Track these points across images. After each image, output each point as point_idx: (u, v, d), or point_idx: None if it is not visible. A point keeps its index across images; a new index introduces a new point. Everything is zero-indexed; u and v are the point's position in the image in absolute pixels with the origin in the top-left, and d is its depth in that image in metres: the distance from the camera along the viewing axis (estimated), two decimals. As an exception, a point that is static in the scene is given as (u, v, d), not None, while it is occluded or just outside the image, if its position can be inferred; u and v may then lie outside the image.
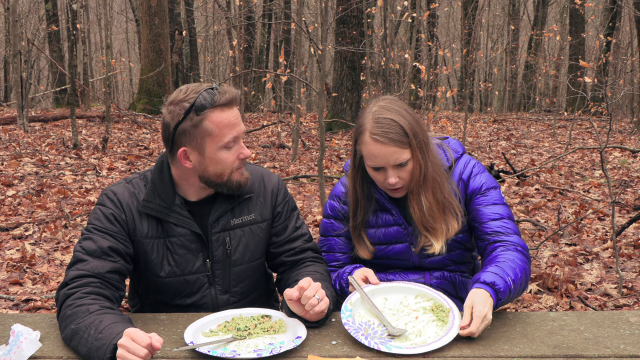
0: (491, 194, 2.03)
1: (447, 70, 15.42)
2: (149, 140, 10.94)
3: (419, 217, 1.99)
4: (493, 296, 1.72)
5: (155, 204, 1.88)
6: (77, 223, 5.51)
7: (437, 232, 2.00)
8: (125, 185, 1.92)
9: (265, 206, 2.03)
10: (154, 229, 1.89)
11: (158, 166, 1.93)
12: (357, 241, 2.10)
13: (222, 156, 1.83)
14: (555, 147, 11.27)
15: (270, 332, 1.72)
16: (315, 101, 21.70)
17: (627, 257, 4.62)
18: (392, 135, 1.89)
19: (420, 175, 1.95)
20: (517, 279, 1.80)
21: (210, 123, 1.79)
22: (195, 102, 1.79)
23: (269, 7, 17.83)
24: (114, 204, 1.87)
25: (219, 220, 1.93)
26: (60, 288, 1.76)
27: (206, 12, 18.21)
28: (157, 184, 1.90)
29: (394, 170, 1.94)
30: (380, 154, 1.91)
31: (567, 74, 18.71)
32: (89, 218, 1.89)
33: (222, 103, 1.80)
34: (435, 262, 2.11)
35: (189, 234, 1.90)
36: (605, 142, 5.70)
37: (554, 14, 26.75)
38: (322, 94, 5.22)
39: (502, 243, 1.93)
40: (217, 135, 1.81)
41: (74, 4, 12.62)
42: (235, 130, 1.83)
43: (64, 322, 1.67)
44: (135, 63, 27.84)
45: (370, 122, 1.92)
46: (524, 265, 1.86)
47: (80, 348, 1.59)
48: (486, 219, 1.99)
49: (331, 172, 8.35)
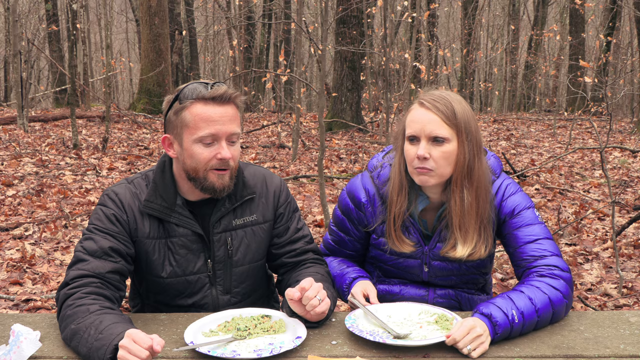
0: (525, 214, 1.91)
1: (447, 70, 15.43)
2: (149, 140, 10.93)
3: (458, 212, 1.87)
4: (490, 328, 1.64)
5: (156, 204, 1.87)
6: (77, 223, 5.51)
7: (467, 236, 1.89)
8: (127, 185, 1.92)
9: (267, 207, 2.01)
10: (155, 229, 1.89)
11: (160, 166, 1.93)
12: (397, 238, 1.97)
13: (196, 150, 1.80)
14: (555, 147, 11.27)
15: (270, 332, 1.72)
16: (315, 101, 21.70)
17: (627, 257, 4.62)
18: (438, 105, 1.82)
19: (464, 165, 1.85)
20: (533, 310, 1.69)
21: (188, 113, 1.80)
22: (182, 91, 1.82)
23: (269, 7, 17.84)
24: (115, 205, 1.87)
25: (220, 220, 1.93)
26: (61, 288, 1.75)
27: (206, 12, 18.21)
28: (158, 183, 1.90)
29: (427, 144, 1.83)
30: (419, 119, 1.83)
31: (567, 74, 18.70)
32: (90, 218, 1.89)
33: (206, 97, 1.79)
34: (445, 280, 2.05)
35: (190, 234, 1.90)
36: (605, 142, 5.70)
37: (554, 14, 26.74)
38: (322, 94, 5.22)
39: (536, 269, 1.81)
40: (192, 127, 1.79)
41: (74, 4, 12.62)
42: (214, 127, 1.78)
43: (64, 322, 1.67)
44: (135, 63, 27.83)
45: (424, 94, 1.87)
46: (553, 293, 1.74)
47: (81, 348, 1.59)
48: (521, 243, 1.88)
49: (331, 172, 8.35)
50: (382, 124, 11.06)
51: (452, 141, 1.84)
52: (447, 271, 2.01)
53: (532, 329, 1.72)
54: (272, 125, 13.04)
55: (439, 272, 2.02)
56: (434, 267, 2.01)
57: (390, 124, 9.86)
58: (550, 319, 1.75)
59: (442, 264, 2.00)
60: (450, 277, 2.04)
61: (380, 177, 2.01)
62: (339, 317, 1.84)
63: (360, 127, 12.34)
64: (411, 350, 1.62)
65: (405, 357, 1.59)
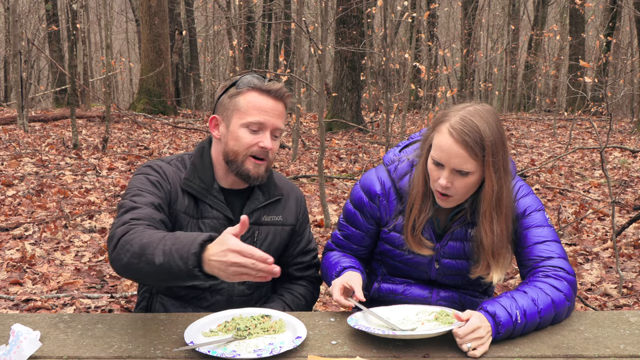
0: (535, 216, 1.93)
1: (447, 70, 15.42)
2: (149, 140, 10.93)
3: (489, 242, 1.87)
4: (493, 327, 1.65)
5: (195, 184, 1.93)
6: (77, 223, 5.51)
7: (500, 260, 1.89)
8: (166, 163, 1.97)
9: (291, 213, 2.10)
10: (191, 207, 1.93)
11: (199, 150, 2.00)
12: (415, 242, 1.95)
13: (241, 134, 1.88)
14: (555, 147, 11.27)
15: (270, 332, 1.72)
16: (315, 101, 21.70)
17: (627, 257, 4.62)
18: (467, 139, 1.76)
19: (493, 198, 1.83)
20: (535, 312, 1.70)
21: (243, 99, 1.89)
22: (240, 79, 1.92)
23: (269, 7, 17.84)
24: (159, 174, 1.91)
25: (252, 213, 1.99)
26: (115, 228, 1.69)
27: (206, 12, 18.20)
28: (197, 165, 1.96)
29: (450, 174, 1.81)
30: (447, 150, 1.79)
31: (567, 74, 18.71)
32: (128, 184, 1.88)
33: (262, 88, 1.89)
34: (451, 279, 2.04)
35: (222, 218, 1.94)
36: (605, 142, 5.70)
37: (554, 14, 26.75)
38: (322, 94, 5.22)
39: (542, 269, 1.83)
40: (243, 112, 1.88)
41: (74, 4, 12.61)
42: (264, 116, 1.87)
43: (127, 245, 1.59)
44: (135, 63, 27.84)
45: (456, 116, 1.81)
46: (556, 295, 1.75)
47: (156, 257, 1.52)
48: (529, 243, 1.89)
49: (331, 172, 8.35)
50: (382, 124, 11.06)
51: (477, 172, 1.82)
52: (456, 270, 2.01)
53: (533, 330, 1.72)
54: (272, 125, 13.01)
55: (448, 270, 2.02)
56: (444, 264, 2.01)
57: (390, 124, 9.86)
58: (551, 320, 1.76)
59: (452, 262, 2.00)
60: (458, 276, 2.03)
61: (398, 170, 2.00)
62: (339, 317, 1.84)
63: (360, 127, 12.35)
64: (411, 350, 1.62)
65: (406, 357, 1.59)
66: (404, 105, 9.07)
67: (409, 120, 14.92)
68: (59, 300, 3.82)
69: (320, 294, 3.96)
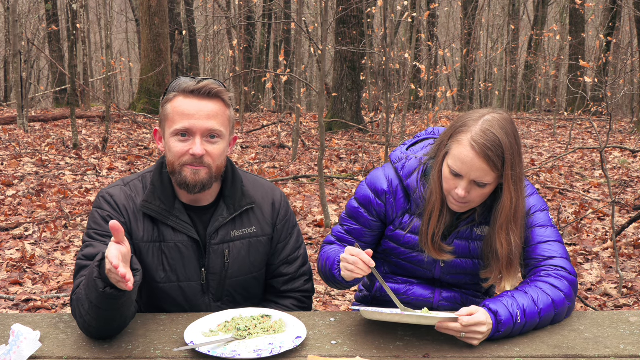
0: (538, 216, 1.93)
1: (447, 70, 15.42)
2: (149, 140, 10.93)
3: (505, 255, 1.87)
4: (493, 325, 1.66)
5: (155, 206, 1.84)
6: (77, 223, 5.51)
7: (512, 268, 1.89)
8: (122, 187, 1.89)
9: (266, 220, 1.97)
10: (149, 232, 1.85)
11: (158, 167, 1.90)
12: (436, 249, 1.93)
13: (172, 144, 1.79)
14: (555, 147, 11.27)
15: (270, 332, 1.72)
16: (315, 101, 21.69)
17: (627, 257, 4.62)
18: (489, 153, 1.74)
19: (511, 209, 1.82)
20: (536, 312, 1.71)
21: (170, 106, 1.80)
22: (169, 85, 1.83)
23: (269, 7, 17.83)
24: (110, 206, 1.85)
25: (218, 231, 1.88)
26: (71, 295, 1.75)
27: (206, 12, 18.20)
28: (156, 185, 1.87)
29: (469, 185, 1.80)
30: (468, 163, 1.76)
31: (567, 74, 18.71)
32: (87, 222, 1.87)
33: (186, 90, 1.78)
34: (455, 279, 2.04)
35: (186, 240, 1.86)
36: (605, 142, 5.70)
37: (554, 14, 26.74)
38: (322, 94, 5.22)
39: (544, 268, 1.83)
40: (170, 120, 1.79)
41: (74, 4, 12.61)
42: (189, 121, 1.75)
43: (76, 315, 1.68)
44: (135, 63, 27.83)
45: (477, 127, 1.77)
46: (556, 295, 1.76)
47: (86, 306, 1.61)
48: (532, 242, 1.90)
49: (331, 172, 8.34)
50: (382, 124, 11.06)
51: (494, 182, 1.82)
52: (461, 269, 2.01)
53: (533, 329, 1.73)
54: (272, 125, 13.04)
55: (453, 269, 2.01)
56: (449, 263, 2.00)
57: (390, 124, 9.86)
58: (551, 319, 1.76)
59: (457, 261, 1.99)
60: (462, 275, 2.03)
61: (406, 168, 1.99)
62: (339, 317, 1.84)
63: (360, 127, 12.35)
64: (411, 350, 1.62)
65: (406, 357, 1.59)
66: (404, 105, 9.07)
67: (409, 120, 14.92)
68: (59, 300, 3.82)
69: (320, 294, 3.95)
